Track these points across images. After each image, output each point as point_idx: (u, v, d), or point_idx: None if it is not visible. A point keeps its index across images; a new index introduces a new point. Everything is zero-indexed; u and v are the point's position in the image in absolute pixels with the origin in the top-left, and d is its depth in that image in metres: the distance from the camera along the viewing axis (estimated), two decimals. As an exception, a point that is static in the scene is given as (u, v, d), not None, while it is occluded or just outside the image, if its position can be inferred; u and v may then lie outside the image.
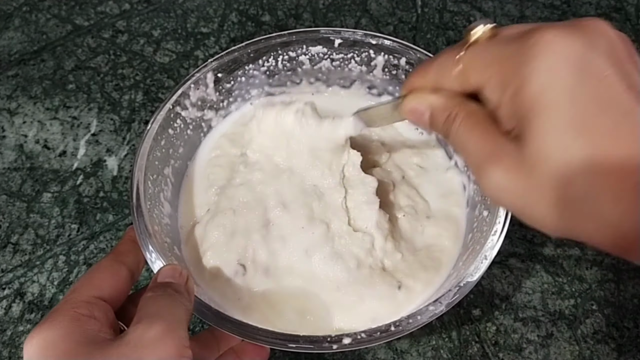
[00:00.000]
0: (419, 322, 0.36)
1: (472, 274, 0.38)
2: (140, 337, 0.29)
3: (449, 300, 0.37)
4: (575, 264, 0.51)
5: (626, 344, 0.47)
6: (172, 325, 0.30)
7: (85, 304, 0.32)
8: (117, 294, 0.35)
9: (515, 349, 0.47)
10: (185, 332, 0.31)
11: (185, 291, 0.34)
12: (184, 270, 0.35)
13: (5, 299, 0.50)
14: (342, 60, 0.50)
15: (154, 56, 0.65)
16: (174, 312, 0.32)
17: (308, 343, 0.35)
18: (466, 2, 0.69)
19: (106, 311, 0.33)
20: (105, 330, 0.32)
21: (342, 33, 0.48)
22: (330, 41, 0.49)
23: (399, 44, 0.48)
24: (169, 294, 0.33)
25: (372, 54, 0.49)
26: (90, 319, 0.32)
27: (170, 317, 0.31)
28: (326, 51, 0.50)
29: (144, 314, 0.31)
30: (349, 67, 0.50)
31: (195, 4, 0.70)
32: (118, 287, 0.35)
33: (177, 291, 0.33)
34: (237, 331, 0.36)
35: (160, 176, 0.44)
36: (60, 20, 0.69)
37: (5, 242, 0.53)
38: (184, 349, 0.30)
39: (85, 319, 0.31)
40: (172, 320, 0.31)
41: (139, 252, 0.38)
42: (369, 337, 0.36)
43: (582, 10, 0.69)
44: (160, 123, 0.44)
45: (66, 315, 0.31)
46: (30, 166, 0.57)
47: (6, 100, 0.62)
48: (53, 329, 0.30)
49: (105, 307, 0.33)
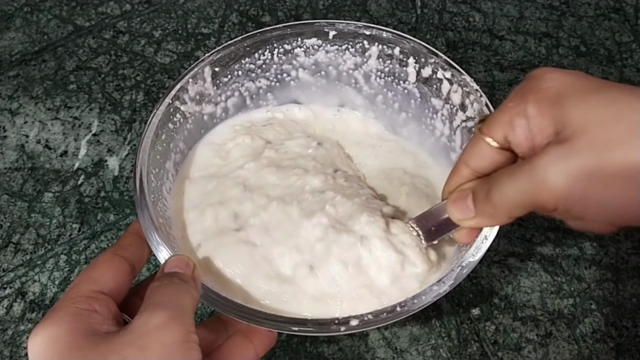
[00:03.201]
0: (424, 302, 0.37)
1: (474, 254, 0.38)
2: (144, 324, 0.30)
3: (452, 280, 0.37)
4: (574, 263, 0.51)
5: (625, 344, 0.47)
6: (177, 311, 0.31)
7: (85, 298, 0.32)
8: (118, 287, 0.35)
9: (514, 348, 0.47)
10: (190, 319, 0.31)
11: (191, 280, 0.34)
12: (190, 260, 0.36)
13: (6, 298, 0.50)
14: (337, 51, 0.51)
15: (155, 57, 0.65)
16: (178, 299, 0.32)
17: (316, 326, 0.36)
18: (465, 3, 0.69)
19: (108, 304, 0.33)
20: (109, 322, 0.32)
21: (336, 25, 0.49)
22: (324, 33, 0.49)
23: (392, 34, 0.48)
24: (175, 282, 0.33)
25: (366, 45, 0.50)
26: (92, 312, 0.32)
27: (174, 304, 0.31)
28: (321, 43, 0.50)
29: (149, 302, 0.31)
30: (343, 58, 0.51)
31: (196, 4, 0.70)
32: (118, 280, 0.35)
33: (183, 280, 0.34)
34: (244, 316, 0.36)
35: (162, 170, 0.45)
36: (61, 20, 0.69)
37: (6, 241, 0.53)
38: (189, 334, 0.30)
39: (87, 313, 0.31)
40: (176, 307, 0.31)
41: (141, 246, 0.38)
42: (375, 318, 0.36)
43: (581, 10, 0.69)
44: (160, 118, 0.44)
45: (67, 311, 0.31)
46: (31, 166, 0.58)
47: (7, 101, 0.62)
48: (55, 325, 0.30)
49: (107, 300, 0.33)
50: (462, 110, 0.47)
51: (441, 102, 0.49)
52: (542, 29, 0.67)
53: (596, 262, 0.51)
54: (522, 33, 0.67)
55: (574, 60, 0.65)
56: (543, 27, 0.67)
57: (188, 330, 0.30)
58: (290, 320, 0.36)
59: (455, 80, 0.46)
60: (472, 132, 0.34)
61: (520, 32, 0.67)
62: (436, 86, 0.48)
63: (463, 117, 0.47)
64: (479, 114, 0.45)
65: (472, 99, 0.45)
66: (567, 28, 0.67)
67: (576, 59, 0.65)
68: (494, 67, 0.63)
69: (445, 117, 0.48)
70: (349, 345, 0.47)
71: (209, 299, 0.37)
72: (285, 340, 0.47)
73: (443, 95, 0.48)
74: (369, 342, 0.47)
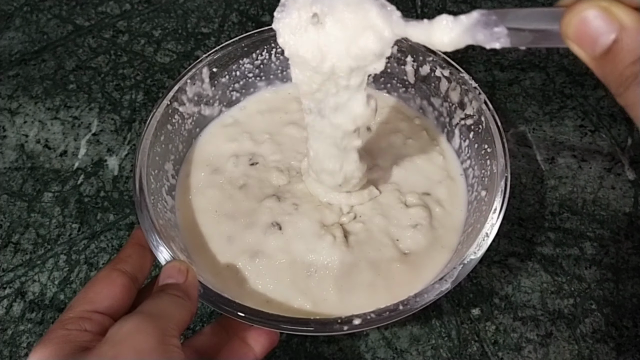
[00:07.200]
0: (426, 300, 0.37)
1: (475, 252, 0.38)
2: (117, 333, 0.30)
3: (454, 277, 0.37)
4: (574, 263, 0.51)
5: (625, 344, 0.47)
6: (150, 317, 0.31)
7: (76, 319, 0.33)
8: (117, 303, 0.35)
9: (514, 348, 0.47)
10: (171, 323, 0.31)
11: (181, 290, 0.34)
12: (183, 266, 0.36)
13: (6, 298, 0.50)
14: None
15: (155, 56, 0.65)
16: (157, 307, 0.32)
17: (318, 325, 0.36)
18: (466, 3, 0.69)
19: (101, 322, 0.34)
20: (99, 339, 0.32)
21: None
22: None
23: None
24: (164, 293, 0.34)
25: None
26: (81, 332, 0.32)
27: (149, 310, 0.31)
28: None
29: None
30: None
31: (195, 4, 0.70)
32: (116, 296, 0.35)
33: (173, 291, 0.34)
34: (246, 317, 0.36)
35: (161, 171, 0.45)
36: (61, 20, 0.69)
37: (6, 241, 0.53)
38: (166, 338, 0.30)
39: (76, 333, 0.32)
40: (151, 312, 0.31)
41: (142, 255, 0.38)
42: (378, 317, 0.36)
43: (582, 10, 0.69)
44: (159, 119, 0.44)
45: (57, 334, 0.32)
46: (31, 166, 0.58)
47: (7, 100, 0.62)
48: (45, 348, 0.31)
49: (100, 319, 0.34)
50: (461, 108, 0.47)
51: (440, 100, 0.49)
52: (542, 29, 0.67)
53: (596, 262, 0.51)
54: (523, 32, 0.67)
55: (575, 60, 0.64)
56: (543, 27, 0.67)
57: (164, 334, 0.30)
58: (291, 320, 0.36)
59: (454, 78, 0.46)
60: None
61: (521, 31, 0.67)
62: (434, 84, 0.48)
63: (462, 115, 0.47)
64: (478, 112, 0.45)
65: (470, 96, 0.45)
66: (567, 27, 0.67)
67: (577, 58, 0.64)
68: (494, 67, 0.63)
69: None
70: (349, 345, 0.47)
71: (209, 299, 0.37)
72: (285, 341, 0.47)
73: (441, 94, 0.48)
74: (369, 342, 0.47)
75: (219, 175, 0.48)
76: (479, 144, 0.45)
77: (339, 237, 0.43)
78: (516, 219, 0.53)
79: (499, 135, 0.43)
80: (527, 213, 0.53)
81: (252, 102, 0.52)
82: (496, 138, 0.43)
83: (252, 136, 0.50)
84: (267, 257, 0.43)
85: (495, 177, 0.42)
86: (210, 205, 0.46)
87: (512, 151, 0.56)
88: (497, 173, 0.42)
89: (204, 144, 0.50)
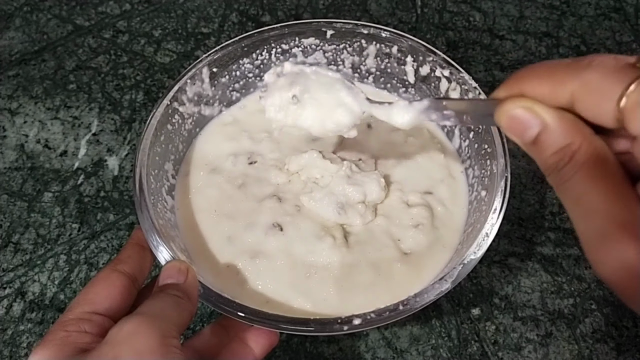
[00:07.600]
0: (426, 300, 0.37)
1: (475, 251, 0.38)
2: (117, 334, 0.30)
3: (454, 277, 0.37)
4: (574, 263, 0.51)
5: (625, 343, 0.47)
6: (150, 317, 0.31)
7: (76, 321, 0.33)
8: (117, 304, 0.35)
9: (514, 348, 0.47)
10: (170, 324, 0.31)
11: (181, 291, 0.34)
12: (183, 265, 0.36)
13: (6, 298, 0.50)
14: (335, 51, 0.50)
15: (155, 56, 0.65)
16: (157, 307, 0.32)
17: (318, 325, 0.36)
18: (465, 3, 0.69)
19: (100, 324, 0.34)
20: (98, 341, 0.32)
21: (334, 24, 0.49)
22: (322, 33, 0.49)
23: (390, 33, 0.48)
24: (164, 294, 0.34)
25: (363, 44, 0.50)
26: (81, 334, 0.32)
27: (149, 311, 0.31)
28: (318, 42, 0.50)
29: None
30: (341, 57, 0.51)
31: (195, 4, 0.70)
32: (116, 297, 0.35)
33: (173, 291, 0.34)
34: (246, 317, 0.36)
35: (161, 171, 0.45)
36: (61, 20, 0.69)
37: (6, 241, 0.53)
38: (166, 339, 0.30)
39: (75, 335, 0.32)
40: (151, 313, 0.31)
41: (141, 256, 0.38)
42: (378, 317, 0.36)
43: (582, 10, 0.69)
44: (159, 119, 0.44)
45: (56, 336, 0.32)
46: (31, 166, 0.58)
47: (7, 100, 0.62)
48: (45, 350, 0.32)
49: (100, 320, 0.34)
50: None
51: None
52: (542, 29, 0.67)
53: (596, 262, 0.51)
54: (523, 32, 0.67)
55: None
56: (543, 27, 0.67)
57: (164, 335, 0.30)
58: (291, 320, 0.36)
59: (454, 78, 0.46)
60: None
61: (521, 31, 0.67)
62: (434, 84, 0.48)
63: None
64: None
65: (470, 96, 0.45)
66: (567, 28, 0.67)
67: (576, 58, 0.65)
68: (494, 67, 0.63)
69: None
70: (349, 345, 0.47)
71: (209, 300, 0.37)
72: (285, 340, 0.47)
73: (442, 94, 0.48)
74: (369, 342, 0.47)
75: (217, 175, 0.48)
76: (479, 143, 0.45)
77: (339, 239, 0.43)
78: (516, 219, 0.53)
79: (499, 135, 0.43)
80: (527, 213, 0.53)
81: (252, 102, 0.52)
82: (496, 138, 0.43)
83: (251, 135, 0.50)
84: (267, 257, 0.43)
85: (495, 177, 0.42)
86: (209, 205, 0.46)
87: (512, 151, 0.56)
88: (497, 173, 0.42)
89: (203, 143, 0.50)
